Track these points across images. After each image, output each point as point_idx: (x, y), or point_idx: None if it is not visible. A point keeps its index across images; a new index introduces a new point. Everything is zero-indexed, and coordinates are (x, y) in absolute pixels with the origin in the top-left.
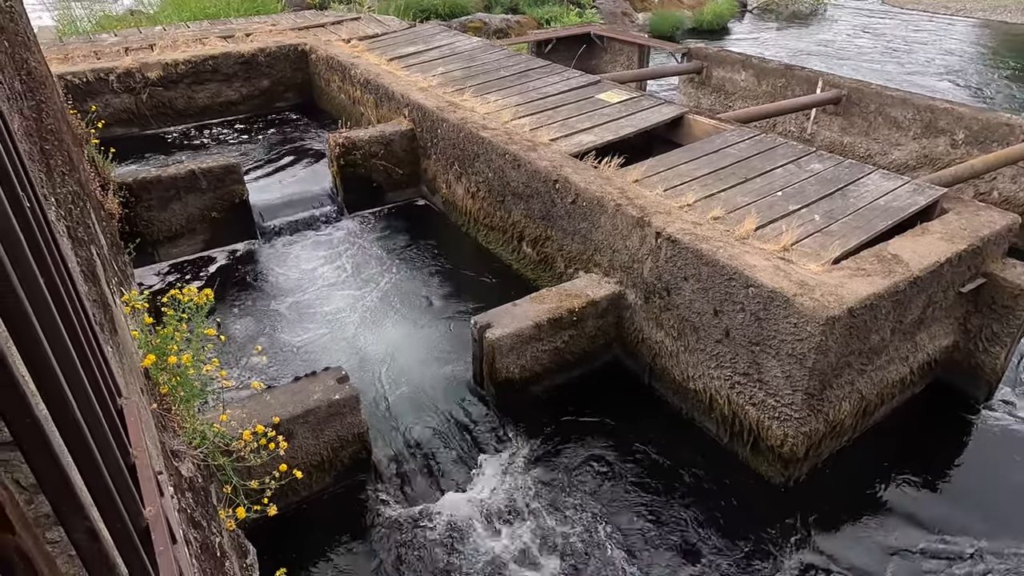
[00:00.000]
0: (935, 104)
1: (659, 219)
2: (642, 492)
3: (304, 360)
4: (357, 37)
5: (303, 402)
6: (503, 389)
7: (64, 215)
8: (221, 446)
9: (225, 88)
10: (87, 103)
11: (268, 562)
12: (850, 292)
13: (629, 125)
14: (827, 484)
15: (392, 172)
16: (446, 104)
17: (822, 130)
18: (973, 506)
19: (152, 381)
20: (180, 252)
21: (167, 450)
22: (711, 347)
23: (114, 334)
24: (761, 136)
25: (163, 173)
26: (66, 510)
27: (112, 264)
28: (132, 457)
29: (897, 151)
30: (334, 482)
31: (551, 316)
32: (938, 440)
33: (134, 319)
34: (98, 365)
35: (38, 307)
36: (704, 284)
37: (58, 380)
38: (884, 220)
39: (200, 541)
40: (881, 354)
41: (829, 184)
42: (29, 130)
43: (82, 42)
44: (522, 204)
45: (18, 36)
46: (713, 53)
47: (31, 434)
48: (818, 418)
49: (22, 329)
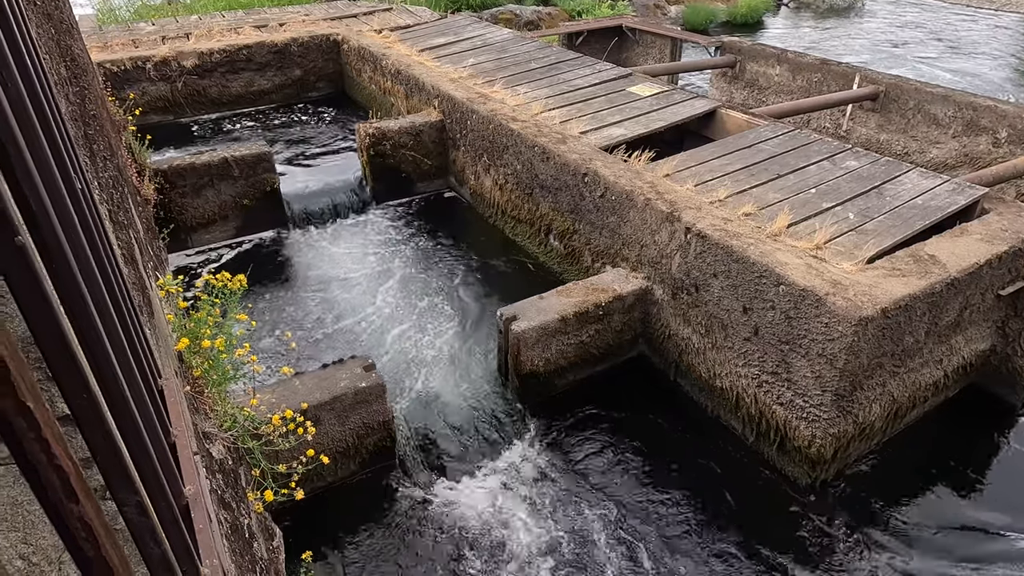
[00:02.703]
0: (977, 101)
1: (689, 214)
2: (664, 489)
3: (331, 347)
4: (389, 28)
5: (330, 389)
6: (527, 382)
7: (106, 199)
8: (251, 430)
9: (258, 77)
10: (125, 91)
11: (293, 545)
12: (884, 292)
13: (660, 119)
14: (854, 487)
15: (421, 163)
16: (476, 95)
17: (858, 127)
18: (1006, 517)
19: (185, 364)
20: (212, 238)
21: (199, 432)
22: (739, 345)
23: (151, 317)
24: (795, 132)
25: (197, 160)
26: (117, 484)
27: (148, 249)
28: (172, 436)
29: (936, 149)
30: (359, 469)
31: (577, 310)
32: (971, 446)
33: (168, 303)
34: (141, 345)
35: (91, 288)
36: (734, 281)
37: (110, 358)
38: (921, 220)
39: (230, 522)
40: (914, 356)
41: (865, 182)
42: (74, 115)
43: (121, 31)
44: (550, 197)
45: (63, 24)
46: (747, 47)
47: (88, 409)
48: (847, 420)
49: (78, 308)
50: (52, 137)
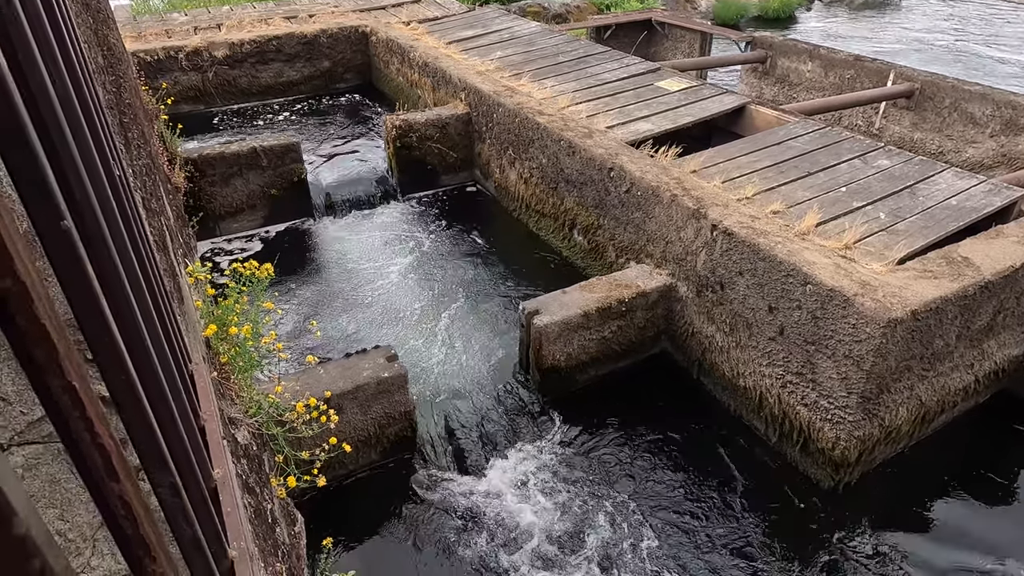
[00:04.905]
0: (1017, 100)
1: (716, 211)
2: (684, 488)
3: (354, 336)
4: (417, 20)
5: (353, 378)
6: (549, 376)
7: (140, 186)
8: (275, 416)
9: (287, 68)
10: (157, 80)
11: (314, 531)
12: (914, 294)
13: (688, 114)
14: (879, 491)
15: (447, 155)
16: (503, 89)
17: (891, 125)
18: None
19: (212, 350)
20: (240, 227)
21: (225, 417)
22: (764, 344)
23: (181, 303)
24: (826, 129)
25: (226, 150)
26: (152, 464)
27: (178, 236)
28: (202, 420)
29: (972, 148)
30: (380, 458)
31: (600, 305)
32: (1002, 454)
33: (197, 290)
34: (173, 331)
35: (128, 272)
36: (760, 279)
37: (145, 341)
38: (956, 221)
39: (254, 506)
40: (944, 360)
41: (897, 181)
42: (110, 103)
43: (154, 21)
44: (575, 191)
45: (100, 14)
46: (778, 42)
47: (126, 391)
48: (873, 423)
49: (117, 293)
50: (93, 125)
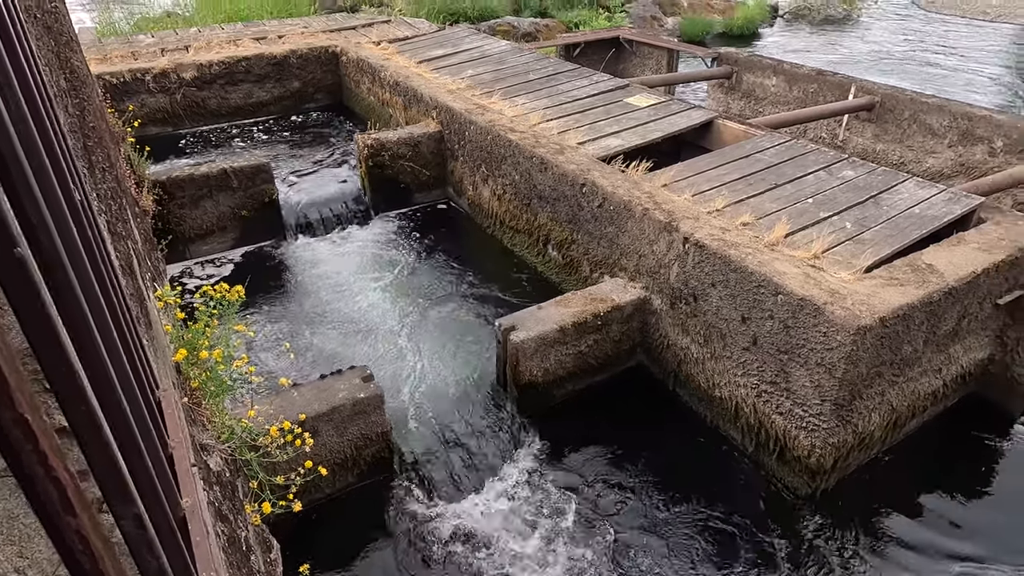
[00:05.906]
0: (973, 111)
1: (687, 224)
2: (662, 499)
3: (329, 358)
4: (387, 40)
5: (328, 400)
6: (526, 392)
7: (105, 210)
8: (248, 441)
9: (257, 89)
10: (124, 102)
11: (291, 558)
12: (882, 302)
13: (658, 129)
14: (855, 497)
15: (419, 174)
16: (474, 106)
17: (854, 137)
18: (1006, 526)
19: (183, 375)
20: (210, 249)
21: (196, 443)
22: (738, 355)
23: (149, 328)
24: (792, 142)
25: (195, 172)
26: (115, 497)
27: (146, 260)
28: (170, 448)
29: (932, 159)
30: (357, 480)
31: (576, 320)
32: (972, 456)
33: (166, 314)
34: (139, 356)
35: (89, 299)
36: (732, 291)
37: (107, 370)
38: (918, 229)
39: (227, 534)
40: (913, 366)
41: (861, 191)
42: (73, 127)
43: (120, 43)
44: (548, 207)
45: (62, 36)
46: (743, 58)
47: (85, 421)
48: (847, 429)
49: (76, 320)
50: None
